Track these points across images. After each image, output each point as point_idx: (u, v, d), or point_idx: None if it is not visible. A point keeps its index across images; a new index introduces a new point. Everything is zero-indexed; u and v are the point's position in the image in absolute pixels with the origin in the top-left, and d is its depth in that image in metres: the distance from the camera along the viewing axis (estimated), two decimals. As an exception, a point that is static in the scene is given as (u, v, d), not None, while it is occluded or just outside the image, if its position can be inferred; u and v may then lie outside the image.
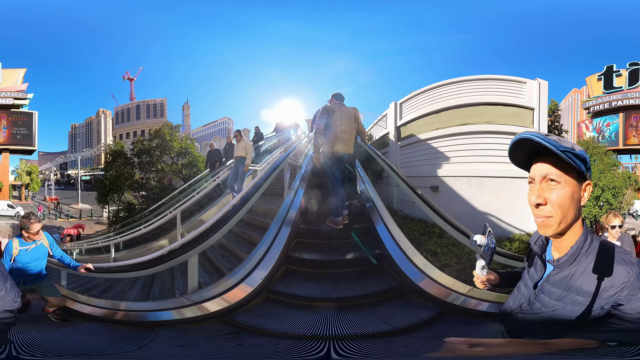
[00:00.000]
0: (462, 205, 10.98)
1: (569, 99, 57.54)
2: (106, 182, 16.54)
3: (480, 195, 11.05)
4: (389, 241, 4.54)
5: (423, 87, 13.69)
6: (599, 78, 19.26)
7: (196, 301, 3.50)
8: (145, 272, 4.50)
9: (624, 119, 18.80)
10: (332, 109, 5.12)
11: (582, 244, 1.24)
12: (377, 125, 16.97)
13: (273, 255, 4.11)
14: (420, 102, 13.67)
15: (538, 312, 1.33)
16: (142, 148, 17.17)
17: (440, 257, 6.57)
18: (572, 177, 1.17)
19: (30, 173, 30.56)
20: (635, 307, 1.17)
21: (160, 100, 45.13)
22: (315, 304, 3.66)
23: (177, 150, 17.10)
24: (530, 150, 1.20)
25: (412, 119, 13.81)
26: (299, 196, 5.45)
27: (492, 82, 12.11)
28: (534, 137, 1.13)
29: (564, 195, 1.16)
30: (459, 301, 3.76)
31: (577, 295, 1.22)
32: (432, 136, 12.80)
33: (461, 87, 12.48)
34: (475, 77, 12.36)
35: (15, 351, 2.66)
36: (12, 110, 19.73)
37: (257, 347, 2.94)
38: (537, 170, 1.19)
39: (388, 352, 2.91)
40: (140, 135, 43.59)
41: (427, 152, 12.89)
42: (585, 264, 1.23)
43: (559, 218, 1.18)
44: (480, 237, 1.52)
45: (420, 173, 12.75)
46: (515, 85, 11.89)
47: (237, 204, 4.43)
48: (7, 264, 3.45)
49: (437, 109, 12.82)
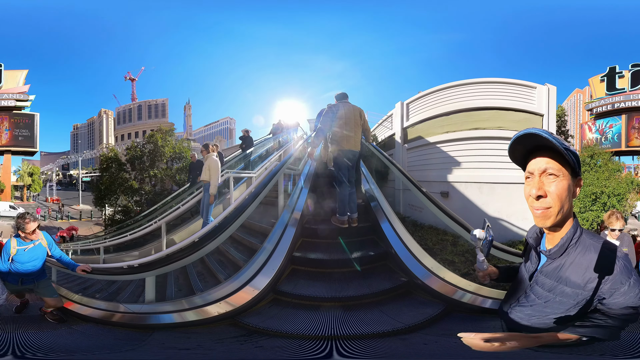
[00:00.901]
0: (473, 211, 10.58)
1: (572, 99, 57.48)
2: (101, 187, 16.80)
3: (492, 202, 10.74)
4: (394, 239, 4.51)
5: (432, 88, 13.09)
6: (602, 79, 19.18)
7: (202, 304, 3.46)
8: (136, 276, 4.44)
9: (626, 120, 18.70)
10: (336, 107, 5.11)
11: (571, 235, 1.30)
12: (382, 125, 16.18)
13: (279, 256, 4.06)
14: (428, 103, 13.09)
15: (532, 303, 1.39)
16: (135, 155, 17.27)
17: (459, 266, 6.40)
18: (567, 172, 1.24)
19: (32, 174, 30.67)
20: (617, 302, 1.22)
21: (162, 100, 45.22)
22: (322, 304, 3.62)
23: (169, 156, 17.03)
24: (528, 147, 1.27)
25: (420, 120, 13.21)
26: (304, 196, 5.40)
27: (502, 85, 11.85)
28: (541, 133, 1.19)
29: (563, 188, 1.23)
30: (464, 298, 3.75)
31: (565, 286, 1.28)
32: (442, 139, 12.20)
33: (470, 89, 12.11)
34: (485, 79, 12.06)
35: (13, 350, 2.64)
36: (15, 112, 19.78)
37: (265, 350, 2.89)
38: (537, 164, 1.26)
39: (396, 350, 2.88)
40: (136, 138, 43.77)
41: (436, 156, 12.31)
42: (574, 255, 1.29)
43: (557, 209, 1.24)
44: (480, 231, 1.57)
45: (429, 178, 12.18)
46: (526, 90, 11.65)
47: (209, 232, 4.23)
48: (5, 263, 3.41)
49: (446, 111, 12.32)
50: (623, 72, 18.73)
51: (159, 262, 3.98)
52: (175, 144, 17.51)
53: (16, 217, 3.54)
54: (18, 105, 19.65)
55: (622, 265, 1.22)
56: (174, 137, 18.26)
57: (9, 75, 19.45)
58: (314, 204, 5.40)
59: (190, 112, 51.99)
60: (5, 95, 19.32)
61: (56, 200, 32.63)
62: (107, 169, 17.20)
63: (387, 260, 4.44)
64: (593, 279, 1.23)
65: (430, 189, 10.02)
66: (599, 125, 19.37)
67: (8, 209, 21.44)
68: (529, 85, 11.71)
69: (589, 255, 1.25)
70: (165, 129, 18.63)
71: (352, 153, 5.02)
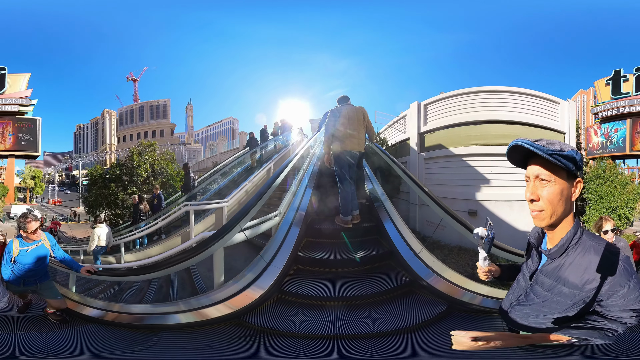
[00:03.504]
0: (503, 228, 9.70)
1: (576, 99, 57.11)
2: (90, 200, 18.01)
3: (522, 218, 9.87)
4: (398, 239, 4.51)
5: (455, 90, 11.74)
6: (607, 83, 19.08)
7: (208, 304, 3.43)
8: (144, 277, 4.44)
9: (631, 125, 18.60)
10: (339, 109, 5.15)
11: (572, 236, 1.32)
12: (393, 127, 14.29)
13: (283, 256, 4.06)
14: (450, 107, 11.66)
15: (531, 302, 1.41)
16: (113, 175, 17.97)
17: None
18: (561, 176, 1.27)
19: (35, 177, 31.02)
20: (616, 304, 1.23)
21: (164, 101, 45.33)
22: (327, 304, 3.60)
23: (145, 175, 17.22)
24: (524, 153, 1.32)
25: (441, 126, 11.67)
26: (307, 196, 5.39)
27: (526, 97, 11.29)
28: (523, 143, 1.26)
29: (553, 192, 1.27)
30: (467, 297, 3.74)
31: (564, 286, 1.30)
32: (469, 152, 10.93)
33: (494, 98, 11.17)
34: (509, 89, 11.34)
35: (15, 351, 2.61)
36: (18, 117, 19.97)
37: (271, 349, 2.88)
38: (530, 171, 1.31)
39: (399, 349, 2.88)
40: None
41: (462, 171, 10.93)
42: (573, 256, 1.30)
43: (550, 212, 1.28)
44: (482, 229, 1.58)
45: (454, 195, 10.73)
46: (550, 106, 11.39)
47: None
48: (7, 264, 3.36)
49: (472, 120, 11.11)
50: (628, 75, 18.65)
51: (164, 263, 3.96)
52: (154, 160, 17.63)
53: (19, 217, 3.49)
54: (21, 110, 19.87)
55: (622, 267, 1.22)
56: (155, 152, 18.34)
57: (12, 79, 19.65)
58: (318, 204, 5.37)
59: (191, 112, 52.05)
60: (9, 100, 19.57)
61: (58, 202, 32.77)
62: (93, 184, 18.33)
63: (390, 260, 4.42)
64: (591, 280, 1.24)
65: (455, 207, 9.13)
66: (604, 129, 19.27)
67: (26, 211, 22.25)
68: (553, 100, 11.46)
69: (588, 257, 1.27)
70: (145, 144, 18.80)
71: (355, 155, 5.01)
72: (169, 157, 18.58)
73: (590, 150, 19.28)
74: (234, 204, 6.47)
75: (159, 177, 17.29)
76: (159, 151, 18.85)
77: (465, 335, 1.21)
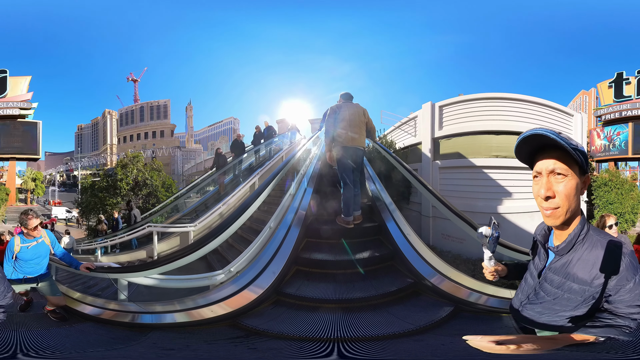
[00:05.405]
0: (524, 237, 9.30)
1: (577, 100, 56.74)
2: (82, 206, 18.90)
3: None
4: (401, 239, 4.44)
5: (474, 94, 10.80)
6: (610, 85, 19.02)
7: (204, 304, 3.37)
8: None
9: (633, 128, 18.56)
10: (339, 108, 5.08)
11: (579, 232, 1.29)
12: (400, 129, 12.99)
13: (283, 256, 3.98)
14: (469, 112, 10.72)
15: (542, 300, 1.38)
16: (101, 185, 18.53)
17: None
18: (575, 171, 1.23)
19: (35, 179, 31.34)
20: (623, 299, 1.21)
21: (164, 101, 45.38)
22: (327, 306, 3.51)
23: (127, 188, 17.45)
24: (535, 146, 1.26)
25: (459, 132, 10.67)
26: (308, 196, 5.32)
27: (541, 107, 10.84)
28: (548, 133, 1.18)
29: (571, 187, 1.22)
30: (473, 298, 3.67)
31: (573, 282, 1.27)
32: (491, 165, 10.10)
33: (510, 106, 10.47)
34: (525, 97, 10.69)
35: (15, 349, 2.61)
36: (19, 121, 20.07)
37: (268, 351, 2.80)
38: (544, 165, 1.24)
39: (405, 352, 2.79)
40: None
41: (484, 184, 10.14)
42: (581, 251, 1.28)
43: (566, 208, 1.23)
44: (486, 228, 1.54)
45: (475, 208, 9.76)
46: (564, 118, 11.25)
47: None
48: (9, 261, 3.41)
49: (492, 130, 10.27)
50: (630, 78, 18.60)
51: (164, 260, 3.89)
52: (139, 172, 17.76)
53: (20, 214, 3.54)
54: (22, 113, 19.98)
55: (627, 262, 1.21)
56: (141, 162, 18.54)
57: (14, 82, 19.78)
58: (318, 204, 5.32)
59: (191, 113, 52.07)
60: (10, 103, 19.71)
61: (58, 203, 33.00)
62: (85, 192, 19.37)
63: (393, 261, 4.35)
64: (600, 275, 1.22)
65: (476, 221, 8.45)
66: (607, 132, 19.21)
67: (64, 212, 26.92)
68: (567, 112, 11.36)
69: (595, 252, 1.24)
70: (130, 155, 19.03)
71: (356, 154, 4.97)
72: (156, 167, 18.78)
73: (593, 152, 19.23)
74: (203, 229, 6.40)
75: (143, 189, 17.66)
76: (155, 155, 19.19)
77: (483, 340, 1.13)
